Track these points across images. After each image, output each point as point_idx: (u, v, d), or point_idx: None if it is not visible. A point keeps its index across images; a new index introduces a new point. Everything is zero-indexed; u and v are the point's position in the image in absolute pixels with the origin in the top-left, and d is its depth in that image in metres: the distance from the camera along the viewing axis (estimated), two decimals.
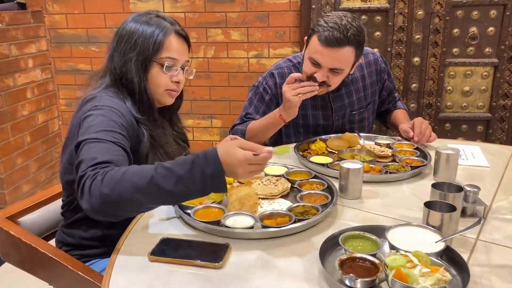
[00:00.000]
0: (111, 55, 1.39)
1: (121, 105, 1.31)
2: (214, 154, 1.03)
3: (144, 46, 1.34)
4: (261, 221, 1.16)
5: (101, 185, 1.01)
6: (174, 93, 1.44)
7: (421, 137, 1.77)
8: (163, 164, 1.03)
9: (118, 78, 1.37)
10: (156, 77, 1.38)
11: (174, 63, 1.38)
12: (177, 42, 1.38)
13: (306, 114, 1.92)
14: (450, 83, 2.85)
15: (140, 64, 1.35)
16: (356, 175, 1.34)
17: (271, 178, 1.45)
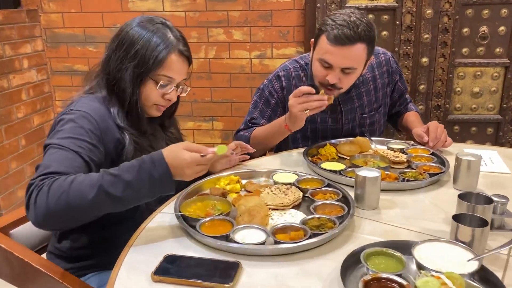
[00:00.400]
0: (108, 57, 1.32)
1: (98, 110, 1.26)
2: (160, 157, 1.07)
3: (144, 59, 1.27)
4: (273, 236, 1.06)
5: (47, 196, 1.01)
6: (162, 108, 1.39)
7: (436, 142, 1.68)
8: (109, 171, 1.06)
9: (111, 84, 1.31)
10: (148, 91, 1.32)
11: (170, 81, 1.33)
12: (178, 62, 1.32)
13: (315, 117, 1.83)
14: (459, 84, 2.76)
15: (136, 76, 1.29)
16: (373, 184, 1.25)
17: (281, 187, 1.36)
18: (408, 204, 1.31)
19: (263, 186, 1.40)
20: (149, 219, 1.22)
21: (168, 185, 1.07)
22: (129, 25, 1.32)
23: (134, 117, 1.33)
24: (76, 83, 3.18)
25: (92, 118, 1.22)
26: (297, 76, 1.83)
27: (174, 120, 1.57)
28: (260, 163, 1.66)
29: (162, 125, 1.51)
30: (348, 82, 1.67)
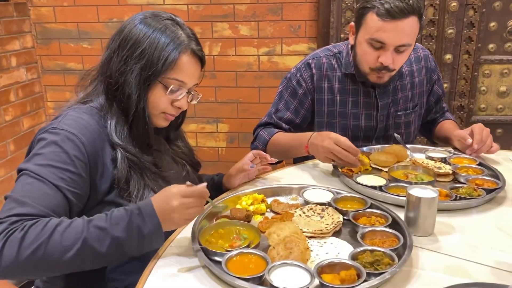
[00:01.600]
0: (109, 57, 1.12)
1: (87, 128, 1.05)
2: (150, 209, 0.94)
3: (152, 60, 1.09)
4: (319, 276, 0.85)
5: (19, 246, 0.86)
6: (170, 117, 1.19)
7: (481, 146, 1.48)
8: (96, 222, 0.92)
9: (112, 89, 1.11)
10: (156, 97, 1.13)
11: (181, 86, 1.14)
12: (190, 64, 1.13)
13: (346, 112, 1.64)
14: (485, 83, 2.56)
15: (143, 80, 1.10)
16: (430, 206, 1.05)
17: (315, 207, 1.15)
18: (467, 228, 1.11)
19: (292, 206, 1.19)
20: (160, 252, 1.00)
21: (157, 241, 0.96)
22: (132, 21, 1.12)
23: (140, 129, 1.13)
24: (70, 83, 2.94)
25: (78, 141, 1.02)
26: (329, 65, 1.64)
27: (180, 131, 1.37)
28: (283, 176, 1.44)
29: (167, 138, 1.32)
30: (402, 63, 1.52)
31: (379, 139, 1.68)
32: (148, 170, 1.13)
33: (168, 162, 1.27)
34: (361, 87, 1.62)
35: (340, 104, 1.63)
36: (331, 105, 1.64)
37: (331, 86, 1.63)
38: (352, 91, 1.62)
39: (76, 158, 1.00)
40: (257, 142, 1.70)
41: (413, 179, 1.32)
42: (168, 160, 1.28)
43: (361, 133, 1.65)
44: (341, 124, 1.64)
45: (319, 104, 1.64)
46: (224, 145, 2.97)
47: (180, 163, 1.31)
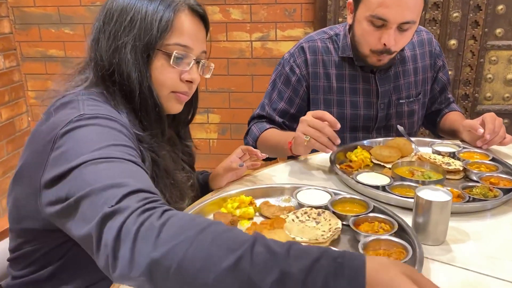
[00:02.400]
0: (96, 38, 0.94)
1: (116, 113, 0.88)
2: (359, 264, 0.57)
3: (145, 26, 0.92)
4: None
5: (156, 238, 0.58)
6: (183, 97, 1.00)
7: (494, 136, 1.34)
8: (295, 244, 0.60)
9: (107, 74, 0.93)
10: (160, 71, 0.94)
11: (187, 53, 0.95)
12: (191, 23, 0.95)
13: (343, 100, 1.50)
14: (491, 70, 2.42)
15: (140, 53, 0.92)
16: (442, 211, 0.91)
17: (310, 211, 1.01)
18: (483, 234, 0.97)
19: (284, 209, 1.05)
20: None
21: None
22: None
23: (151, 113, 0.95)
24: (51, 71, 2.78)
25: (121, 121, 0.85)
26: (324, 49, 1.50)
27: (189, 130, 1.20)
28: (275, 173, 1.30)
29: (177, 134, 1.15)
30: (403, 43, 1.38)
31: (380, 130, 1.54)
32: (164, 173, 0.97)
33: (178, 161, 1.11)
34: (360, 72, 1.47)
35: (337, 91, 1.48)
36: (327, 93, 1.49)
37: (327, 71, 1.48)
38: (350, 77, 1.48)
39: (126, 136, 0.82)
40: (248, 137, 1.59)
41: (420, 177, 1.18)
42: (180, 159, 1.12)
43: (360, 123, 1.51)
44: (339, 114, 1.50)
45: (314, 91, 1.50)
46: (216, 137, 2.82)
47: (187, 171, 1.15)
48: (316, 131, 1.19)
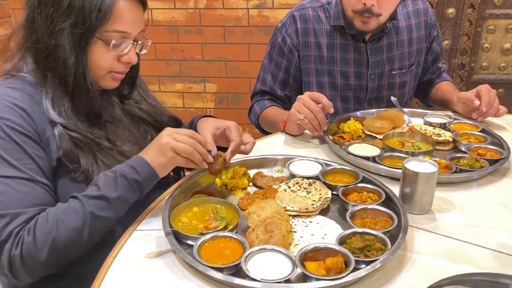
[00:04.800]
0: (31, 17, 0.94)
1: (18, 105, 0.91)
2: (138, 160, 0.92)
3: (84, 13, 0.91)
4: (302, 265, 0.75)
5: (35, 249, 0.83)
6: (119, 76, 1.04)
7: (489, 108, 1.37)
8: (89, 194, 0.87)
9: (42, 56, 0.94)
10: (98, 56, 0.97)
11: (124, 37, 0.98)
12: (129, 10, 0.96)
13: (334, 70, 1.51)
14: (488, 40, 2.41)
15: (78, 40, 0.92)
16: (428, 182, 0.94)
17: (301, 182, 1.04)
18: (468, 204, 1.01)
19: (277, 179, 1.08)
20: (127, 235, 0.90)
21: (154, 181, 0.94)
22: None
23: (84, 98, 0.98)
24: None
25: (14, 123, 0.89)
26: (315, 17, 1.50)
27: (140, 86, 1.18)
28: (269, 145, 1.33)
29: (120, 97, 1.15)
30: (389, 7, 1.37)
31: (371, 101, 1.55)
32: (98, 146, 0.99)
33: (127, 128, 1.12)
34: (351, 42, 1.48)
35: (328, 61, 1.49)
36: (318, 62, 1.50)
37: (318, 40, 1.49)
38: (341, 46, 1.48)
39: (23, 142, 0.89)
40: (251, 115, 1.64)
41: (410, 148, 1.21)
42: (127, 125, 1.12)
43: (351, 94, 1.53)
44: (330, 83, 1.51)
45: (305, 61, 1.51)
46: (213, 106, 2.83)
47: (142, 126, 1.16)
48: (310, 112, 1.25)
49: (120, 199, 0.88)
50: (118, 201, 0.88)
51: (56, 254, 0.85)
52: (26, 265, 0.84)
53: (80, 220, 0.85)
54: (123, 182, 0.88)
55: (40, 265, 0.85)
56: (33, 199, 0.87)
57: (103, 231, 0.90)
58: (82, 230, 0.85)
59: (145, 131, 1.14)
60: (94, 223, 0.86)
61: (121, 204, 0.89)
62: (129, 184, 0.89)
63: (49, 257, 0.84)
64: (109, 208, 0.87)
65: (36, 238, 0.83)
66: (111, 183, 0.88)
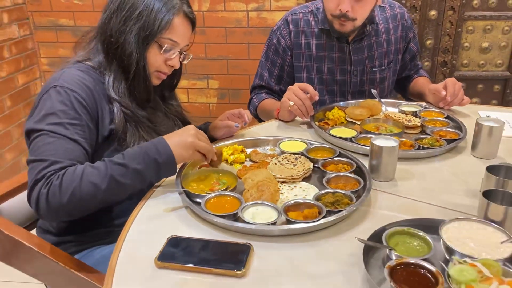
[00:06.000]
0: (109, 18, 1.22)
1: (84, 84, 1.16)
2: (162, 143, 1.09)
3: (149, 21, 1.20)
4: (285, 213, 0.98)
5: (60, 193, 1.00)
6: (162, 76, 1.31)
7: (454, 98, 1.58)
8: (115, 160, 1.05)
9: (113, 47, 1.21)
10: (152, 56, 1.24)
11: (174, 46, 1.25)
12: (183, 25, 1.25)
13: (322, 67, 1.74)
14: (468, 39, 2.63)
15: (142, 40, 1.20)
16: (391, 154, 1.16)
17: (289, 157, 1.26)
18: (426, 174, 1.23)
19: (269, 155, 1.31)
20: (149, 194, 1.12)
21: (172, 169, 1.10)
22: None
23: (141, 85, 1.25)
24: (62, 39, 2.98)
25: (80, 97, 1.13)
26: (305, 21, 1.72)
27: (174, 92, 1.49)
28: (264, 129, 1.55)
29: (162, 97, 1.44)
30: (363, 12, 1.58)
31: (354, 94, 1.77)
32: (143, 124, 1.25)
33: (162, 118, 1.39)
34: (336, 43, 1.70)
35: (317, 59, 1.71)
36: (308, 60, 1.72)
37: (308, 41, 1.71)
38: (328, 47, 1.70)
39: (82, 113, 1.12)
40: (251, 107, 1.87)
41: (383, 131, 1.43)
42: (161, 117, 1.39)
43: (337, 88, 1.75)
44: (318, 79, 1.74)
45: (297, 59, 1.73)
46: (215, 101, 3.05)
47: (172, 119, 1.43)
48: (299, 100, 1.47)
49: (138, 172, 1.04)
50: (136, 173, 1.04)
51: (74, 201, 1.00)
52: (49, 204, 1.00)
53: (101, 178, 1.02)
54: (145, 159, 1.06)
55: (61, 207, 1.00)
56: (71, 155, 1.06)
57: (117, 195, 1.05)
58: (100, 187, 1.01)
59: (174, 125, 1.42)
60: (111, 185, 1.02)
61: (138, 176, 1.05)
62: (150, 162, 1.06)
63: (68, 202, 1.00)
64: (127, 176, 1.03)
65: (62, 183, 1.00)
66: (135, 156, 1.06)
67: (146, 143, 1.10)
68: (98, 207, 1.07)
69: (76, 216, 1.07)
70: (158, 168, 1.07)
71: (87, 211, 1.06)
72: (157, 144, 1.08)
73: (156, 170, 1.07)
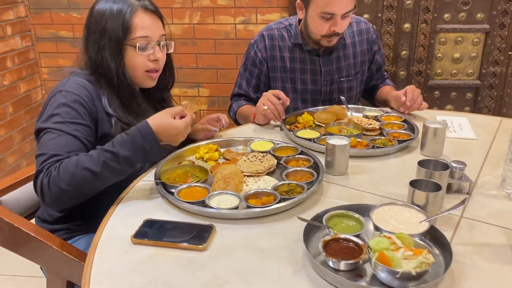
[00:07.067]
0: (85, 44, 1.35)
1: (87, 91, 1.30)
2: (148, 131, 1.20)
3: (113, 29, 1.29)
4: (246, 201, 1.14)
5: (58, 180, 1.11)
6: (154, 75, 1.41)
7: (413, 103, 1.75)
8: (105, 148, 1.17)
9: (95, 68, 1.34)
10: (132, 59, 1.34)
11: (148, 41, 1.33)
12: (146, 19, 1.33)
13: (295, 77, 1.91)
14: (441, 50, 2.80)
15: (114, 49, 1.31)
16: (343, 152, 1.33)
17: (257, 155, 1.43)
18: (376, 169, 1.39)
19: (241, 154, 1.47)
20: (131, 186, 1.29)
21: (158, 153, 1.23)
22: (95, 3, 1.35)
23: (126, 91, 1.35)
24: (62, 50, 3.17)
25: (82, 100, 1.27)
26: (280, 36, 1.89)
27: (171, 95, 1.60)
28: (241, 131, 1.72)
29: (162, 100, 1.55)
30: (345, 27, 1.76)
31: (325, 102, 1.95)
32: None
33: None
34: (308, 56, 1.87)
35: (290, 70, 1.89)
36: (282, 72, 1.90)
37: (282, 55, 1.89)
38: (300, 59, 1.88)
39: (83, 114, 1.26)
40: (230, 112, 2.04)
41: (345, 133, 1.60)
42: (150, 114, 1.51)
43: (309, 96, 1.92)
44: (292, 88, 1.91)
45: (272, 70, 1.91)
46: (206, 108, 3.23)
47: None
48: (272, 104, 1.64)
49: (127, 158, 1.17)
50: (125, 159, 1.16)
51: (73, 186, 1.12)
52: (51, 192, 1.12)
53: (94, 164, 1.13)
54: (133, 146, 1.17)
55: (61, 193, 1.12)
56: (69, 148, 1.18)
57: (110, 178, 1.17)
58: (95, 172, 1.13)
59: None
60: (104, 170, 1.14)
61: (127, 162, 1.17)
62: (137, 149, 1.18)
63: (67, 187, 1.11)
64: (117, 161, 1.16)
65: (59, 172, 1.12)
66: (123, 144, 1.17)
67: (133, 129, 1.20)
68: (97, 189, 1.18)
69: (80, 200, 1.20)
70: (146, 154, 1.19)
71: (88, 194, 1.19)
72: (142, 131, 1.19)
73: (143, 155, 1.20)
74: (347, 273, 0.91)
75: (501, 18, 2.65)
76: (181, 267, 0.95)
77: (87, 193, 1.19)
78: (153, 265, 0.96)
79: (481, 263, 0.95)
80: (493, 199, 1.21)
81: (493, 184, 1.28)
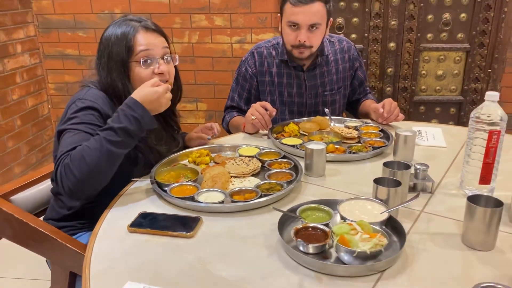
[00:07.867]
0: (97, 68, 1.47)
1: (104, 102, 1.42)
2: (133, 101, 1.29)
3: (118, 51, 1.40)
4: (230, 197, 1.29)
5: (71, 167, 1.21)
6: None
7: (390, 115, 1.90)
8: (102, 128, 1.28)
9: (107, 89, 1.45)
10: (138, 75, 1.43)
11: (150, 55, 1.42)
12: (146, 36, 1.42)
13: (282, 91, 2.08)
14: (425, 68, 2.97)
15: (120, 70, 1.41)
16: (319, 155, 1.47)
17: (244, 159, 1.57)
18: (351, 172, 1.54)
19: (229, 158, 1.62)
20: (129, 185, 1.44)
21: (150, 121, 1.31)
22: (105, 31, 1.48)
23: None
24: (68, 67, 3.35)
25: (100, 108, 1.39)
26: (268, 54, 2.06)
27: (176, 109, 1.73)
28: (232, 139, 1.88)
29: (172, 113, 1.69)
30: (317, 40, 1.91)
31: (310, 114, 2.10)
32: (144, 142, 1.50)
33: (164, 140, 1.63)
34: (293, 71, 2.04)
35: (278, 85, 2.06)
36: (271, 86, 2.07)
37: (270, 70, 2.05)
38: (287, 74, 2.05)
39: (97, 118, 1.37)
40: (223, 123, 2.20)
41: (326, 140, 1.75)
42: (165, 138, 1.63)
43: (295, 108, 2.08)
44: (280, 101, 2.07)
45: (262, 85, 2.07)
46: (203, 122, 3.39)
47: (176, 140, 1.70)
48: (259, 114, 1.80)
49: (123, 129, 1.24)
50: (122, 130, 1.24)
51: (85, 170, 1.19)
52: (68, 179, 1.20)
53: (98, 144, 1.22)
54: (126, 118, 1.26)
55: (77, 179, 1.20)
56: (81, 143, 1.26)
57: (116, 151, 1.24)
58: (101, 151, 1.21)
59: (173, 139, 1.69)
60: (106, 144, 1.22)
61: (124, 132, 1.25)
62: (129, 119, 1.26)
63: (81, 174, 1.19)
64: (116, 134, 1.23)
65: (71, 160, 1.21)
66: (116, 119, 1.27)
67: (121, 106, 1.30)
68: (110, 168, 1.26)
69: (99, 185, 1.26)
70: (138, 122, 1.27)
71: (103, 176, 1.25)
72: (129, 103, 1.29)
73: (137, 124, 1.27)
74: (315, 256, 1.04)
75: (480, 38, 2.82)
76: (170, 251, 1.09)
77: (102, 174, 1.24)
78: (146, 249, 1.10)
79: (432, 248, 1.08)
80: (453, 197, 1.35)
81: (455, 185, 1.42)
